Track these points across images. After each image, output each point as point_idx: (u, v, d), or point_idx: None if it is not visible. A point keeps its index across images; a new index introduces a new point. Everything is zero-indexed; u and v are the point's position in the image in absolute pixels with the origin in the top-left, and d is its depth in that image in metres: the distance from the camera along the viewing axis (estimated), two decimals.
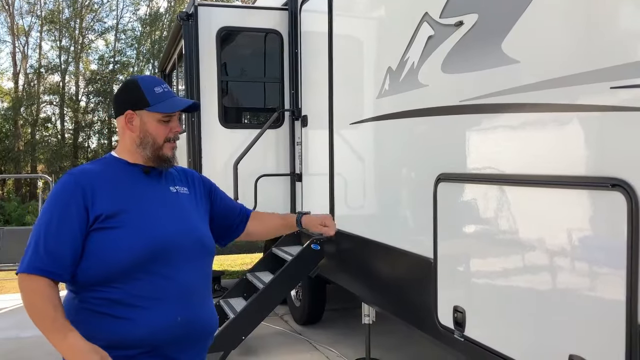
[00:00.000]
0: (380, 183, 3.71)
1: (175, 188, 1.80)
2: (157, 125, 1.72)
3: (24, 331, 5.39)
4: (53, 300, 1.53)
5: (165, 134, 1.73)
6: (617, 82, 1.84)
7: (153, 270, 1.60)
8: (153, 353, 1.59)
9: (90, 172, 1.68)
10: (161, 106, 1.71)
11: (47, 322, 1.52)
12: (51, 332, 1.51)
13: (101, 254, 1.58)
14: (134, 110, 1.72)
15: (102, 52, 23.51)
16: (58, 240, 1.56)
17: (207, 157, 5.26)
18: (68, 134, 22.90)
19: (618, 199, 1.81)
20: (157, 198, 1.73)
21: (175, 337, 1.61)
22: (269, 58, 5.69)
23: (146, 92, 1.72)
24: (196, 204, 1.86)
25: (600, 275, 1.92)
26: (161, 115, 1.72)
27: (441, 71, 2.83)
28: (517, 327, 2.30)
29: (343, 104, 4.30)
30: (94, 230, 1.59)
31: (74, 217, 1.57)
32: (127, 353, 1.57)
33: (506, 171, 2.39)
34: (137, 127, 1.72)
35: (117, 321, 1.57)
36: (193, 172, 1.99)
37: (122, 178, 1.71)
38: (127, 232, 1.60)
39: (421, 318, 3.06)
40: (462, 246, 2.69)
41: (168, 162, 1.76)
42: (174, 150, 1.77)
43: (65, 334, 1.50)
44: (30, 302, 1.55)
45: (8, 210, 16.98)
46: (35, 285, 1.54)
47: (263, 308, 4.56)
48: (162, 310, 1.59)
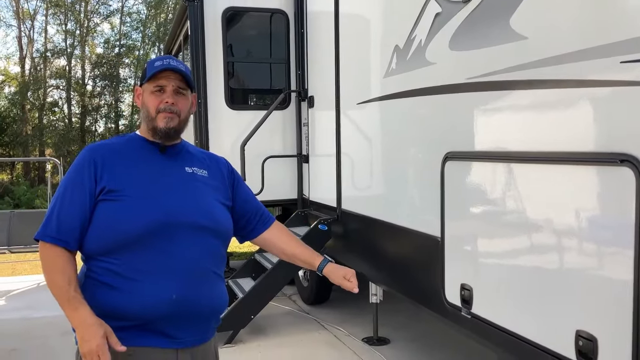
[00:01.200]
0: (388, 163, 3.70)
1: (191, 169, 1.80)
2: (150, 96, 1.74)
3: (37, 311, 5.47)
4: (68, 273, 1.60)
5: (156, 105, 1.72)
6: (627, 56, 1.81)
7: (153, 246, 1.61)
8: (146, 327, 1.61)
9: (106, 147, 1.74)
10: (150, 75, 1.73)
11: (61, 294, 1.59)
12: (64, 304, 1.58)
13: (102, 226, 1.62)
14: (140, 86, 1.79)
15: (107, 36, 23.48)
16: (69, 210, 1.64)
17: (214, 138, 5.27)
18: (75, 118, 22.97)
19: (627, 175, 1.81)
20: (168, 176, 1.74)
21: (168, 314, 1.62)
22: (275, 38, 5.66)
23: (148, 67, 1.76)
24: (215, 187, 1.84)
25: (608, 251, 1.92)
26: (152, 86, 1.73)
27: (449, 49, 2.81)
28: (524, 304, 2.31)
29: (350, 84, 4.28)
30: (99, 202, 1.63)
31: (85, 188, 1.64)
32: (120, 324, 1.59)
33: (514, 149, 2.39)
34: (141, 102, 1.78)
35: (112, 292, 1.60)
36: (221, 159, 1.96)
37: (137, 154, 1.74)
38: (129, 206, 1.62)
39: (428, 296, 3.08)
40: (469, 224, 2.70)
41: (162, 134, 1.73)
42: (168, 121, 1.72)
43: (76, 307, 1.56)
44: (47, 272, 1.64)
45: (17, 194, 17.13)
46: (53, 255, 1.62)
47: (271, 287, 4.61)
48: (157, 286, 1.60)
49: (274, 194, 5.35)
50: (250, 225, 1.98)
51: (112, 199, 1.63)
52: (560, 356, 2.09)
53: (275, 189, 5.37)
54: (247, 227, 1.97)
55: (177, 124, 1.74)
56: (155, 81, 1.73)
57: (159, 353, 1.63)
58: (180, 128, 1.78)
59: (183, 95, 1.76)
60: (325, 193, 4.88)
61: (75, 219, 1.63)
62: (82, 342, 1.54)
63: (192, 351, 1.70)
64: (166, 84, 1.73)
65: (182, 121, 1.77)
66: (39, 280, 6.99)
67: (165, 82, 1.73)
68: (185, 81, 1.76)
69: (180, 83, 1.75)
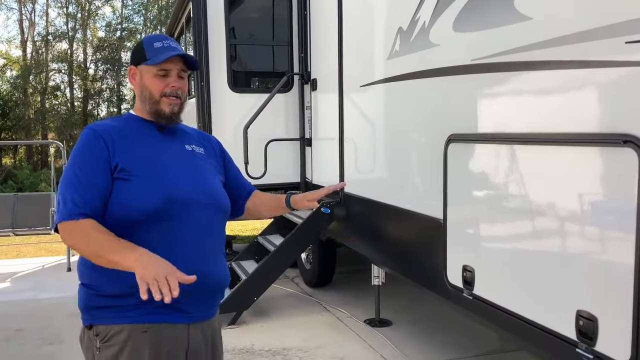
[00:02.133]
0: (391, 145, 3.71)
1: (190, 147, 1.82)
2: (153, 79, 1.73)
3: (42, 293, 5.54)
4: (105, 230, 1.56)
5: (161, 89, 1.73)
6: (632, 36, 1.81)
7: (164, 223, 1.63)
8: (161, 304, 1.61)
9: (108, 126, 1.72)
10: (154, 58, 1.71)
11: (110, 245, 1.53)
12: (118, 254, 1.51)
13: (114, 205, 1.62)
14: (136, 66, 1.76)
15: (109, 19, 23.35)
16: (87, 187, 1.60)
17: (217, 121, 5.27)
18: (77, 102, 22.95)
19: (629, 156, 1.81)
20: (171, 154, 1.75)
21: (183, 291, 1.64)
22: (278, 21, 5.62)
23: (146, 47, 1.74)
24: (213, 165, 1.88)
25: (610, 232, 1.93)
26: (156, 69, 1.72)
27: (453, 30, 2.79)
28: (526, 285, 2.33)
29: (353, 66, 4.27)
30: (114, 180, 1.63)
31: (102, 161, 1.62)
32: (136, 302, 1.58)
33: (517, 130, 2.39)
34: (138, 82, 1.76)
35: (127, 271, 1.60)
36: (212, 137, 2.00)
37: (138, 134, 1.74)
38: (139, 186, 1.62)
39: (431, 278, 3.10)
40: (471, 206, 2.70)
41: (166, 118, 1.75)
42: (174, 106, 1.74)
43: (132, 249, 1.51)
44: (84, 241, 1.57)
45: (21, 178, 17.19)
46: (84, 226, 1.56)
47: (274, 270, 4.64)
48: (171, 262, 1.62)
49: (276, 177, 5.36)
50: (240, 201, 2.02)
51: (124, 178, 1.63)
52: (560, 336, 2.11)
53: (278, 172, 5.38)
54: (236, 203, 2.00)
55: (179, 108, 1.77)
56: (160, 64, 1.72)
57: (173, 328, 1.66)
58: (181, 110, 1.80)
59: (183, 78, 1.78)
60: (328, 176, 4.89)
61: (95, 194, 1.60)
62: (148, 268, 1.43)
63: (201, 325, 1.73)
64: (172, 68, 1.74)
65: (183, 104, 1.79)
66: (44, 262, 7.06)
67: (171, 66, 1.74)
68: (185, 63, 1.77)
69: (182, 66, 1.77)
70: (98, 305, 1.64)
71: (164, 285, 1.40)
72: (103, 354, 1.63)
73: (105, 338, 1.62)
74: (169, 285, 1.40)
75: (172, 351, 1.65)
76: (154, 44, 1.74)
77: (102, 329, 1.63)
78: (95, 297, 1.64)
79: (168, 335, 1.65)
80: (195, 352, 1.71)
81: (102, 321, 1.64)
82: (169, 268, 1.45)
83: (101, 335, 1.63)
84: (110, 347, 1.62)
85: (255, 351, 3.91)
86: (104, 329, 1.63)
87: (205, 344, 1.75)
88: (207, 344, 1.76)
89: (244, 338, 4.15)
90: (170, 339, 1.65)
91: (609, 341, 1.91)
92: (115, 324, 1.62)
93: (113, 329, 1.62)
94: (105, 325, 1.63)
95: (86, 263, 1.66)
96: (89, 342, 1.67)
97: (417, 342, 4.06)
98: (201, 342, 1.73)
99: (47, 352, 3.98)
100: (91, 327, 1.66)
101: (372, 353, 3.87)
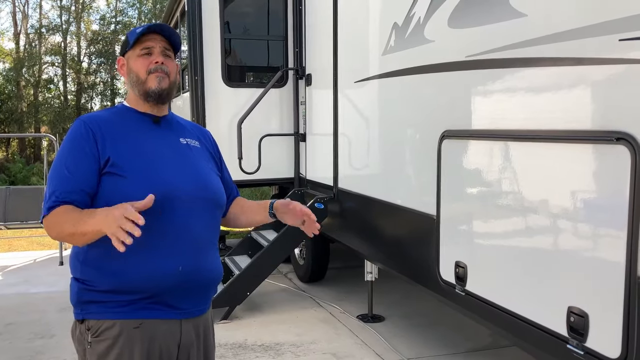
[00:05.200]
0: (385, 141, 3.71)
1: (185, 140, 1.80)
2: (137, 59, 1.71)
3: (34, 287, 5.52)
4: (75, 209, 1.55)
5: (145, 66, 1.70)
6: (625, 34, 1.81)
7: (158, 219, 1.61)
8: (154, 299, 1.62)
9: (100, 118, 1.70)
10: (134, 39, 1.70)
11: (74, 222, 1.52)
12: (82, 223, 1.51)
13: (106, 200, 1.59)
14: (122, 56, 1.76)
15: (103, 12, 23.21)
16: (74, 181, 1.59)
17: (211, 116, 5.24)
18: (71, 96, 22.81)
19: (622, 153, 1.82)
20: (166, 147, 1.73)
21: (176, 286, 1.63)
22: (273, 15, 5.60)
23: (130, 35, 1.74)
24: (207, 158, 1.86)
25: (602, 228, 1.94)
26: (138, 50, 1.71)
27: (447, 26, 2.79)
28: (518, 281, 2.34)
29: (348, 61, 4.26)
30: (103, 174, 1.60)
31: (89, 156, 1.60)
32: (129, 298, 1.60)
33: (511, 127, 2.39)
34: (126, 71, 1.75)
35: (119, 266, 1.59)
36: (206, 131, 1.97)
37: (131, 126, 1.71)
38: (132, 180, 1.60)
39: (423, 274, 3.11)
40: (465, 202, 2.71)
41: (155, 95, 1.71)
42: (161, 80, 1.70)
43: (91, 215, 1.50)
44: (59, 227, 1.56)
45: (13, 171, 17.09)
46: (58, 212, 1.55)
47: (267, 265, 4.64)
48: (164, 258, 1.61)
49: (270, 172, 5.35)
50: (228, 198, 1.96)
51: (115, 173, 1.60)
52: (552, 332, 2.12)
53: (272, 167, 5.38)
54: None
55: (168, 85, 1.73)
56: (141, 44, 1.71)
57: (165, 324, 1.65)
58: (171, 90, 1.76)
59: (169, 57, 1.75)
60: (322, 172, 4.89)
61: (84, 188, 1.58)
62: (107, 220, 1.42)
63: (194, 321, 1.72)
64: (153, 45, 1.71)
65: (172, 82, 1.75)
66: (36, 256, 7.03)
67: (152, 44, 1.71)
68: (169, 43, 1.74)
69: (165, 44, 1.74)
70: (90, 300, 1.63)
71: (125, 224, 1.37)
72: (94, 349, 1.62)
73: (97, 333, 1.61)
74: (130, 222, 1.38)
75: (164, 347, 1.65)
76: (136, 30, 1.73)
77: (94, 324, 1.62)
78: (88, 292, 1.63)
79: (160, 330, 1.64)
80: (187, 348, 1.70)
81: (94, 316, 1.62)
82: (121, 207, 1.42)
83: (93, 330, 1.62)
84: (101, 342, 1.61)
85: (248, 346, 3.91)
86: (96, 323, 1.62)
87: (198, 339, 1.75)
88: (200, 339, 1.76)
89: (236, 333, 4.15)
90: (163, 334, 1.64)
91: (599, 337, 1.92)
92: (107, 319, 1.61)
93: (105, 324, 1.61)
94: (97, 320, 1.62)
95: (78, 257, 1.65)
96: (81, 336, 1.65)
97: (410, 338, 4.07)
98: (193, 338, 1.72)
99: (38, 346, 3.97)
100: (83, 322, 1.65)
101: (365, 348, 3.88)
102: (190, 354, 1.72)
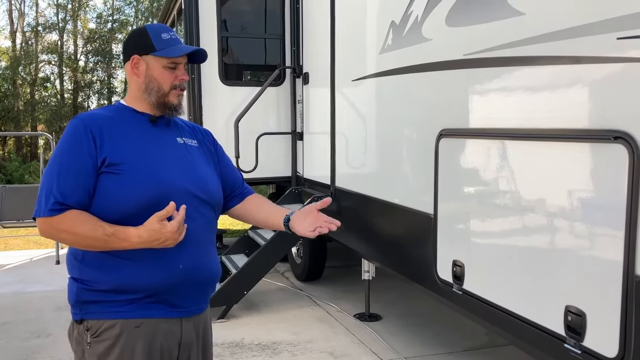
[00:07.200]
0: (382, 140, 3.70)
1: (182, 139, 1.79)
2: (163, 71, 1.71)
3: (30, 286, 5.50)
4: (92, 219, 1.56)
5: (171, 81, 1.71)
6: (623, 32, 1.80)
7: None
8: (154, 298, 1.62)
9: (98, 117, 1.68)
10: (167, 51, 1.69)
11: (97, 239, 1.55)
12: (110, 244, 1.56)
13: (103, 200, 1.59)
14: (140, 55, 1.72)
15: (100, 10, 23.15)
16: (73, 180, 1.57)
17: (208, 114, 5.24)
18: (67, 94, 22.75)
19: (620, 152, 1.81)
20: (163, 147, 1.72)
21: (176, 284, 1.63)
22: (270, 13, 5.59)
23: (153, 37, 1.71)
24: (206, 157, 1.85)
25: (600, 227, 1.93)
26: (167, 61, 1.70)
27: (445, 24, 2.79)
28: (515, 280, 2.34)
29: (345, 60, 4.25)
30: (100, 174, 1.59)
31: (86, 155, 1.58)
32: (130, 297, 1.59)
33: (509, 126, 2.38)
34: (142, 73, 1.72)
35: (119, 266, 1.59)
36: (205, 130, 1.97)
37: (129, 126, 1.70)
38: (129, 180, 1.59)
39: (421, 273, 3.11)
40: (462, 201, 2.71)
41: (174, 110, 1.74)
42: (180, 98, 1.75)
43: (124, 237, 1.55)
44: (72, 237, 1.57)
45: (10, 170, 17.03)
46: (68, 219, 1.55)
47: (264, 264, 4.63)
48: (163, 257, 1.60)
49: (268, 171, 5.34)
50: (233, 193, 1.97)
51: (113, 172, 1.59)
52: (549, 331, 2.12)
53: (269, 166, 5.37)
54: (230, 195, 1.96)
55: (183, 99, 1.78)
56: (170, 57, 1.71)
57: (166, 323, 1.65)
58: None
59: (186, 69, 1.80)
60: (319, 170, 4.88)
61: (80, 187, 1.57)
62: (159, 242, 1.55)
63: (194, 320, 1.72)
64: (181, 62, 1.74)
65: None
66: (32, 255, 7.01)
67: (181, 59, 1.74)
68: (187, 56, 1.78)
69: (186, 59, 1.77)
70: (90, 300, 1.61)
71: (179, 237, 1.57)
72: (94, 349, 1.60)
73: (97, 333, 1.60)
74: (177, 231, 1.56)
75: (165, 346, 1.64)
76: (161, 35, 1.71)
77: (94, 324, 1.61)
78: (87, 292, 1.61)
79: (161, 330, 1.63)
80: (187, 347, 1.70)
81: (94, 316, 1.61)
82: (157, 225, 1.54)
83: (92, 330, 1.60)
84: (101, 342, 1.59)
85: (245, 345, 3.90)
86: (96, 323, 1.60)
87: (197, 339, 1.74)
88: (199, 338, 1.76)
89: (233, 332, 4.14)
90: (164, 333, 1.64)
91: (597, 337, 1.92)
92: (108, 319, 1.60)
93: (105, 324, 1.59)
94: (97, 320, 1.60)
95: (76, 257, 1.63)
96: (79, 337, 1.64)
97: (407, 337, 4.07)
98: (193, 337, 1.72)
99: (34, 345, 3.95)
100: (81, 322, 1.63)
101: (362, 347, 3.87)
102: (190, 353, 1.72)
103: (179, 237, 1.56)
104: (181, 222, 1.56)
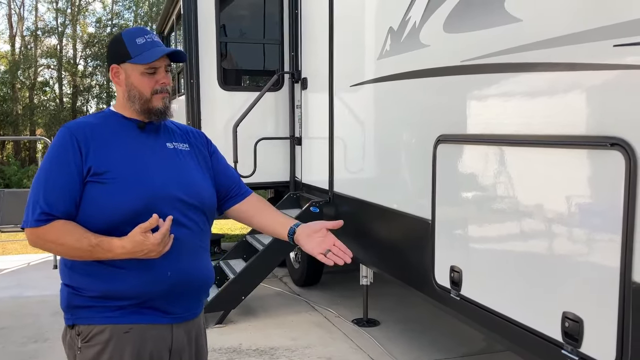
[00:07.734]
0: (380, 145, 3.70)
1: (173, 144, 1.77)
2: (141, 77, 1.67)
3: (27, 290, 5.48)
4: (78, 229, 1.56)
5: (151, 86, 1.68)
6: (620, 39, 1.81)
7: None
8: (144, 305, 1.61)
9: (86, 125, 1.66)
10: (142, 57, 1.65)
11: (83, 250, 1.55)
12: (95, 255, 1.56)
13: (90, 209, 1.58)
14: (118, 64, 1.69)
15: (99, 15, 23.17)
16: (59, 190, 1.57)
17: (206, 119, 5.24)
18: (66, 98, 22.73)
19: (617, 158, 1.82)
20: (151, 153, 1.70)
21: (165, 291, 1.63)
22: (269, 19, 5.61)
23: (128, 44, 1.67)
24: (198, 161, 1.82)
25: (597, 233, 1.94)
26: (143, 68, 1.67)
27: (443, 31, 2.79)
28: (513, 286, 2.34)
29: (343, 65, 4.26)
30: (86, 183, 1.58)
31: (72, 166, 1.58)
32: (119, 304, 1.59)
33: (506, 131, 2.39)
34: (123, 81, 1.70)
35: (107, 273, 1.59)
36: (197, 131, 1.94)
37: (117, 133, 1.68)
38: (115, 189, 1.58)
39: (419, 278, 3.10)
40: (460, 207, 2.71)
41: (160, 114, 1.71)
42: (165, 101, 1.71)
43: (108, 248, 1.55)
44: (59, 247, 1.58)
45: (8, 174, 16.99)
46: (54, 229, 1.56)
47: (262, 269, 4.63)
48: (152, 265, 1.59)
49: (266, 176, 5.34)
50: (229, 194, 1.93)
51: (99, 181, 1.58)
52: (546, 337, 2.12)
53: (268, 171, 5.37)
54: (226, 196, 1.93)
55: (169, 101, 1.73)
56: (147, 63, 1.67)
57: (155, 329, 1.64)
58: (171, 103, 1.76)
59: (168, 72, 1.74)
60: (317, 175, 4.88)
61: (67, 197, 1.57)
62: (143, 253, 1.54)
63: (185, 326, 1.71)
64: (159, 65, 1.69)
65: (170, 97, 1.76)
66: (30, 259, 6.99)
67: (159, 63, 1.69)
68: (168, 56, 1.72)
69: (167, 61, 1.72)
70: (80, 305, 1.62)
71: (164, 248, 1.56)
72: (84, 354, 1.60)
73: (87, 338, 1.60)
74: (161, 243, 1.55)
75: (155, 352, 1.63)
76: (136, 40, 1.67)
77: (84, 329, 1.61)
78: (77, 297, 1.62)
79: (150, 335, 1.63)
80: (178, 352, 1.69)
81: (84, 321, 1.62)
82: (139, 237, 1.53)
83: (82, 335, 1.61)
84: (91, 347, 1.60)
85: (243, 350, 3.89)
86: (86, 329, 1.61)
87: (189, 344, 1.73)
88: (192, 343, 1.75)
89: (231, 337, 4.13)
90: (153, 339, 1.63)
91: (594, 343, 1.92)
92: (97, 324, 1.60)
93: (95, 329, 1.60)
94: (87, 325, 1.61)
95: (66, 264, 1.64)
96: (71, 341, 1.64)
97: (405, 342, 4.06)
98: (185, 342, 1.71)
99: (31, 350, 3.94)
100: (73, 327, 1.64)
101: (360, 353, 3.87)
102: (182, 358, 1.71)
103: (163, 248, 1.55)
104: (166, 234, 1.54)
